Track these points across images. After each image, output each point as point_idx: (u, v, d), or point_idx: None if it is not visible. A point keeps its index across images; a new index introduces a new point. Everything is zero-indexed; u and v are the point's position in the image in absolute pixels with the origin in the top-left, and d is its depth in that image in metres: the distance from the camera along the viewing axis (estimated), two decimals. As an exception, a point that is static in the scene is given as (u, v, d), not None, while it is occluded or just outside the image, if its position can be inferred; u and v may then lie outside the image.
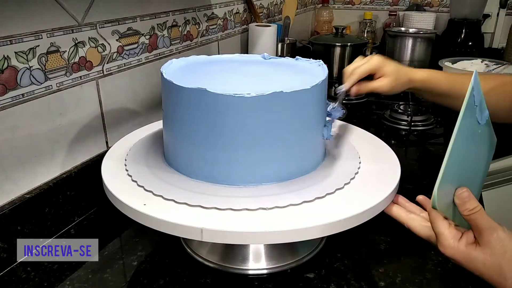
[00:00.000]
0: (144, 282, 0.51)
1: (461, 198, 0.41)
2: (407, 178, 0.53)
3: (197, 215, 0.43)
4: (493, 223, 0.40)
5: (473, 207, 0.41)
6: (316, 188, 0.48)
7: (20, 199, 0.55)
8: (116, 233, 0.61)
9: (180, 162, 0.52)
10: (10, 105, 0.53)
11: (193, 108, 0.47)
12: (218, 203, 0.44)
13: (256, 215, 0.43)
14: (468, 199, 0.41)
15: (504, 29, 1.61)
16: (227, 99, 0.45)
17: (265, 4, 1.32)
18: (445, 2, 1.71)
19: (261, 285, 0.51)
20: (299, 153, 0.50)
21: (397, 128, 0.99)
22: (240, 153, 0.47)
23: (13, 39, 0.52)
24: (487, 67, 1.21)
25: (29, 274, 0.52)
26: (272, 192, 0.47)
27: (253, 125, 0.46)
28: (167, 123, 0.53)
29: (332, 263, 0.54)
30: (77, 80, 0.62)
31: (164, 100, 0.52)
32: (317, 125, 0.52)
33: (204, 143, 0.48)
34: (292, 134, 0.48)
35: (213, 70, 0.56)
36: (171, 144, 0.53)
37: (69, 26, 0.60)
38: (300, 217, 0.43)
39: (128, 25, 0.72)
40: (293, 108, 0.47)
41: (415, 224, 0.46)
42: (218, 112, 0.46)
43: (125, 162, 0.54)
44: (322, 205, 0.45)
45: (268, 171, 0.49)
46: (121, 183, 0.49)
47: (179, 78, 0.49)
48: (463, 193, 0.41)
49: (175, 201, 0.45)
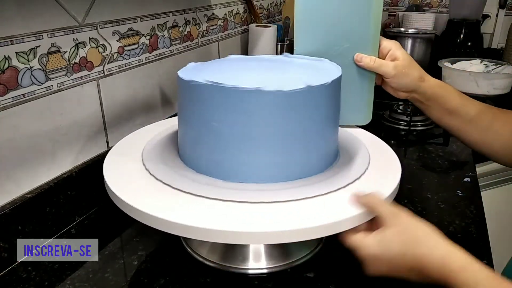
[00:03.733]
0: (144, 281, 0.51)
1: (354, 198, 0.45)
2: (407, 178, 0.53)
3: (197, 215, 0.43)
4: (393, 208, 0.44)
5: (366, 200, 0.44)
6: (316, 188, 0.48)
7: (21, 199, 0.55)
8: (116, 233, 0.61)
9: (194, 159, 0.52)
10: (11, 105, 0.53)
11: (208, 103, 0.47)
12: (222, 195, 0.45)
13: (255, 215, 0.44)
14: (358, 195, 0.45)
15: (503, 30, 1.61)
16: (244, 93, 0.45)
17: (265, 5, 1.33)
18: (445, 3, 1.71)
19: (261, 284, 0.51)
20: (314, 151, 0.50)
21: (396, 128, 0.99)
22: (255, 150, 0.48)
23: (14, 39, 0.52)
24: (486, 67, 1.22)
25: (29, 273, 0.52)
26: (280, 187, 0.48)
27: (272, 121, 0.47)
28: (183, 121, 0.53)
29: (332, 263, 0.54)
30: (77, 80, 0.62)
31: (180, 102, 0.53)
32: (333, 122, 0.52)
33: (218, 140, 0.48)
34: (310, 131, 0.49)
35: (230, 68, 0.56)
36: (186, 141, 0.53)
37: (70, 26, 0.60)
38: (300, 217, 0.43)
39: (128, 25, 0.72)
40: (316, 103, 0.47)
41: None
42: (234, 107, 0.46)
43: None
44: (322, 205, 0.45)
45: (281, 169, 0.49)
46: (122, 182, 0.49)
47: (192, 75, 0.49)
48: (354, 193, 0.46)
49: (181, 190, 0.46)
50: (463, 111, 0.61)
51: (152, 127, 0.65)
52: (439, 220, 0.63)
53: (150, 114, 0.80)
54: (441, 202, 0.68)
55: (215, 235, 0.42)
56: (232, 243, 0.50)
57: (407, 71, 0.60)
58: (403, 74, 0.60)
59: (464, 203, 0.68)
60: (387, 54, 0.61)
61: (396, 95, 0.63)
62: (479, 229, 0.61)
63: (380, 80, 0.63)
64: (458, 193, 0.70)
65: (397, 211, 0.43)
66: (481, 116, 0.60)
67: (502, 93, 1.15)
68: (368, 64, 0.60)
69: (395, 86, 0.61)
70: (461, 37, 1.53)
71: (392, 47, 0.61)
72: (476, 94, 1.11)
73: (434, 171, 0.79)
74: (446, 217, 0.64)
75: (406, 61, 0.60)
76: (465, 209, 0.66)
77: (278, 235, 0.42)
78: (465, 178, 0.75)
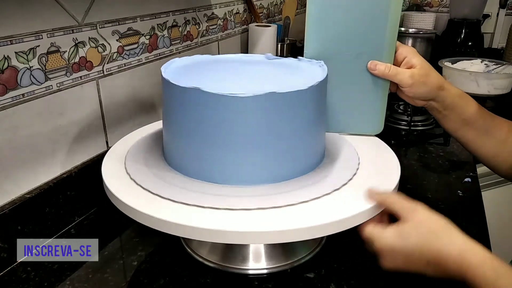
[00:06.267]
0: (144, 282, 0.51)
1: (370, 195, 0.46)
2: (407, 178, 0.53)
3: (197, 215, 0.43)
4: (411, 202, 0.44)
5: (385, 197, 0.45)
6: (316, 187, 0.48)
7: (20, 199, 0.55)
8: (116, 233, 0.61)
9: (178, 161, 0.52)
10: (11, 105, 0.53)
11: (188, 106, 0.47)
12: (216, 203, 0.44)
13: (255, 215, 0.43)
14: (372, 196, 0.45)
15: (503, 29, 1.61)
16: (221, 98, 0.45)
17: (265, 4, 1.32)
18: (445, 2, 1.71)
19: (261, 284, 0.51)
20: (296, 154, 0.50)
21: (396, 128, 0.99)
22: (236, 153, 0.47)
23: (13, 39, 0.52)
24: (486, 67, 1.21)
25: (29, 274, 0.52)
26: (271, 191, 0.47)
27: (248, 125, 0.46)
28: (166, 121, 0.53)
29: (332, 263, 0.54)
30: (77, 80, 0.62)
31: (163, 98, 0.53)
32: (315, 126, 0.52)
33: (200, 142, 0.48)
34: (289, 135, 0.48)
35: (213, 69, 0.56)
36: (169, 142, 0.53)
37: (69, 26, 0.60)
38: (300, 217, 0.43)
39: (128, 25, 0.72)
40: (289, 109, 0.47)
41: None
42: (213, 111, 0.46)
43: (124, 161, 0.54)
44: (322, 205, 0.45)
45: (266, 171, 0.49)
46: (121, 183, 0.49)
47: (177, 76, 0.49)
48: (369, 189, 0.46)
49: (173, 200, 0.45)
50: (480, 122, 0.58)
51: (151, 127, 0.65)
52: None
53: (149, 114, 0.79)
54: (441, 203, 0.68)
55: (215, 235, 0.42)
56: (232, 243, 0.50)
57: (424, 80, 0.56)
58: (420, 83, 0.56)
59: (465, 204, 0.68)
60: (402, 61, 0.57)
61: (413, 103, 0.59)
62: (480, 229, 0.61)
63: (395, 87, 0.59)
64: (458, 193, 0.70)
65: (414, 206, 0.43)
66: (497, 128, 0.59)
67: (503, 93, 1.14)
68: (383, 72, 0.57)
69: (412, 95, 0.58)
70: (461, 36, 1.53)
71: (408, 54, 0.57)
72: (477, 94, 1.11)
73: (434, 171, 0.79)
74: (446, 218, 0.63)
75: (423, 69, 0.56)
76: (465, 210, 0.66)
77: (278, 235, 0.42)
78: (466, 178, 0.75)
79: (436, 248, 0.40)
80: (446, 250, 0.39)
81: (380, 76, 0.57)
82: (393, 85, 0.59)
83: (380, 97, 0.59)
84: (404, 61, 0.57)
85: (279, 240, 0.43)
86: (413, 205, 0.43)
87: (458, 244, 0.40)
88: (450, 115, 0.59)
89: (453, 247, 0.39)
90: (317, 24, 0.50)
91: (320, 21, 0.47)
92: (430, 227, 0.41)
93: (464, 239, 0.40)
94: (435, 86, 0.56)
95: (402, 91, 0.58)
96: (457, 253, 0.39)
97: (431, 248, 0.40)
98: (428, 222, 0.42)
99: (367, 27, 0.54)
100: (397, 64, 0.58)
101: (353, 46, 0.56)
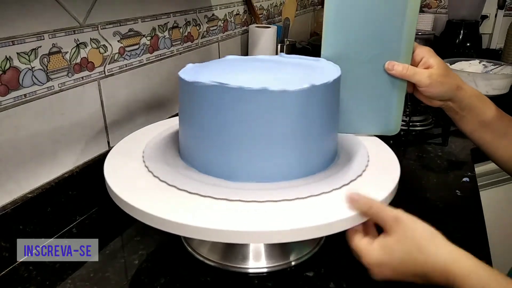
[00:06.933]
0: (145, 280, 0.52)
1: (352, 204, 0.44)
2: (406, 178, 0.53)
3: (198, 215, 0.43)
4: (394, 212, 0.43)
5: (367, 207, 0.43)
6: (317, 186, 0.48)
7: (22, 199, 0.55)
8: (117, 232, 0.61)
9: (195, 159, 0.52)
10: (12, 106, 0.53)
11: (206, 103, 0.48)
12: (229, 195, 0.45)
13: (255, 214, 0.44)
14: (357, 200, 0.44)
15: (502, 30, 1.62)
16: (250, 93, 0.45)
17: (265, 6, 1.33)
18: (444, 3, 1.72)
19: (261, 283, 0.51)
20: (314, 151, 0.51)
21: (396, 128, 0.99)
22: (253, 149, 0.48)
23: (15, 40, 0.52)
24: (485, 67, 1.22)
25: (31, 273, 0.53)
26: (280, 186, 0.48)
27: (276, 120, 0.47)
28: (189, 122, 0.53)
29: (332, 262, 0.54)
30: (79, 80, 0.63)
31: (184, 101, 0.53)
32: (332, 122, 0.52)
33: (217, 139, 0.48)
34: (319, 129, 0.49)
35: (234, 69, 0.56)
36: (187, 141, 0.53)
37: (71, 27, 0.60)
38: (300, 217, 0.43)
39: (129, 26, 0.72)
40: (324, 102, 0.47)
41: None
42: (241, 107, 0.46)
43: (143, 159, 0.54)
44: (322, 205, 0.46)
45: (283, 168, 0.49)
46: (123, 182, 0.49)
47: (194, 76, 0.50)
48: (351, 196, 0.44)
49: (188, 191, 0.46)
50: (498, 124, 0.58)
51: (152, 127, 0.65)
52: (438, 221, 0.62)
53: (151, 114, 0.80)
54: (440, 202, 0.68)
55: (215, 235, 0.42)
56: (233, 242, 0.51)
57: (442, 80, 0.56)
58: (438, 83, 0.56)
59: (463, 203, 0.68)
60: (420, 61, 0.57)
61: (430, 103, 0.59)
62: (478, 229, 0.61)
63: (411, 88, 0.59)
64: (457, 193, 0.71)
65: (397, 216, 0.42)
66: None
67: (501, 93, 1.15)
68: (401, 73, 0.56)
69: (429, 95, 0.57)
70: (460, 37, 1.54)
71: (425, 54, 0.57)
72: (475, 95, 1.11)
73: (433, 171, 0.80)
74: (445, 217, 0.64)
75: (441, 69, 0.56)
76: (464, 209, 0.66)
77: (278, 235, 0.42)
78: (464, 178, 0.75)
79: (420, 262, 0.39)
80: (431, 263, 0.39)
81: (398, 76, 0.57)
82: (410, 86, 0.59)
83: (397, 97, 0.59)
84: (421, 62, 0.57)
85: (279, 240, 0.43)
86: (397, 214, 0.42)
87: (443, 255, 0.39)
88: (467, 116, 0.58)
89: (439, 259, 0.39)
90: (335, 25, 0.50)
91: (337, 22, 0.47)
92: (414, 239, 0.40)
93: (450, 249, 0.39)
94: (453, 86, 0.56)
95: (419, 91, 0.58)
96: (442, 265, 0.38)
97: (416, 263, 0.40)
98: (411, 234, 0.41)
99: (385, 28, 0.54)
100: (415, 65, 0.58)
101: (370, 47, 0.56)
